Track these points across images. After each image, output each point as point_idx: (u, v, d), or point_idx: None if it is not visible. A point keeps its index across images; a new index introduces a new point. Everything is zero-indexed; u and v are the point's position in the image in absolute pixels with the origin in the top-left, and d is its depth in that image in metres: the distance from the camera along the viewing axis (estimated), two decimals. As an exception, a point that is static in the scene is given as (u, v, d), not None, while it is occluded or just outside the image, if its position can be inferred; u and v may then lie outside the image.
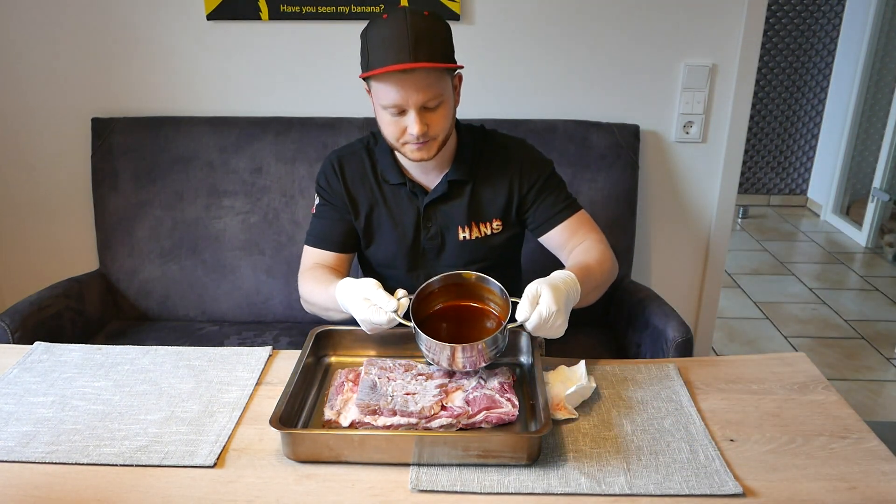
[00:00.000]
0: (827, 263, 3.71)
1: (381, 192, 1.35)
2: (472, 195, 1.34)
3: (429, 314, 1.13)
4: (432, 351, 1.05)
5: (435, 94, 1.17)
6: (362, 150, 1.37)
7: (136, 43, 1.94)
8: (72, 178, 2.06)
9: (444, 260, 1.37)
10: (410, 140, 1.21)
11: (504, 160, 1.35)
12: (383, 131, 1.25)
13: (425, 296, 1.12)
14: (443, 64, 1.16)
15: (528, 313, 1.03)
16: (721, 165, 2.02)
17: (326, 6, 1.88)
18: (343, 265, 1.38)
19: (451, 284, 1.14)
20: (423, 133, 1.19)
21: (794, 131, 4.47)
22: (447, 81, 1.21)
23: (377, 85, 1.18)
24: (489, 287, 1.12)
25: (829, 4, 4.16)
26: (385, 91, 1.17)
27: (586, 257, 1.26)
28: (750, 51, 1.91)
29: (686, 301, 2.18)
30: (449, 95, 1.22)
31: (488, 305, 1.14)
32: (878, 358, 2.72)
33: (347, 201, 1.36)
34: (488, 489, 0.90)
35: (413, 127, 1.18)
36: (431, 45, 1.15)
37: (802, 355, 1.23)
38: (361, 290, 1.08)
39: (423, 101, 1.16)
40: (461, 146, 1.34)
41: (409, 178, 1.33)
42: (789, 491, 0.90)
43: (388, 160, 1.34)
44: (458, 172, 1.32)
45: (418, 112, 1.17)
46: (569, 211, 1.34)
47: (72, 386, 1.14)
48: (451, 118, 1.25)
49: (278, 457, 0.97)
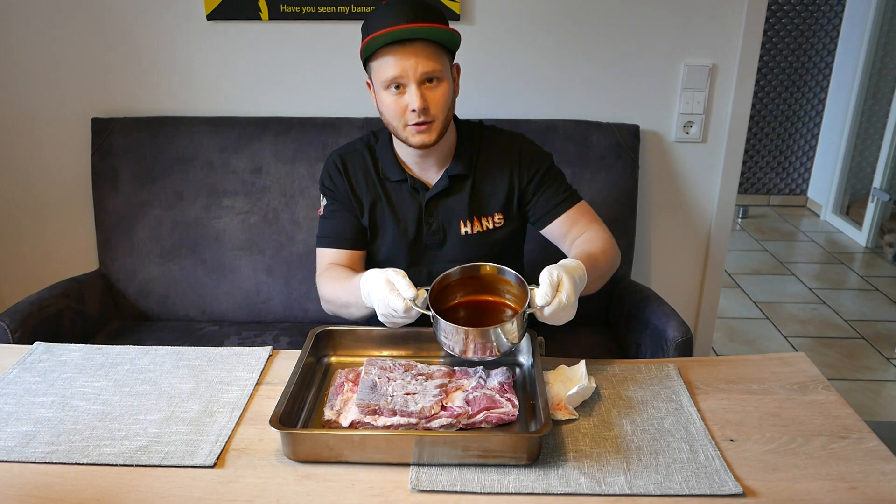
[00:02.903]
0: (827, 263, 3.71)
1: (383, 189, 1.36)
2: (472, 189, 1.35)
3: (447, 307, 1.13)
4: (450, 337, 1.04)
5: (434, 69, 1.19)
6: (363, 148, 1.38)
7: (136, 43, 1.94)
8: (72, 178, 2.06)
9: (445, 255, 1.37)
10: (411, 120, 1.21)
11: (503, 154, 1.36)
12: (384, 115, 1.26)
13: (443, 287, 1.12)
14: (442, 25, 1.19)
15: (549, 297, 1.03)
16: (721, 165, 2.02)
17: (326, 6, 1.88)
18: (357, 263, 1.39)
19: (467, 277, 1.14)
20: (424, 109, 1.20)
21: (794, 131, 4.47)
22: (446, 62, 1.23)
23: (377, 63, 1.20)
24: (506, 278, 1.12)
25: (829, 4, 4.16)
26: (384, 65, 1.19)
27: (591, 246, 1.26)
28: (750, 51, 1.91)
29: (686, 301, 2.18)
30: (448, 77, 1.24)
31: (505, 299, 1.14)
32: (878, 358, 2.72)
33: (353, 198, 1.37)
34: (488, 489, 0.90)
35: (414, 101, 1.19)
36: (430, 13, 1.19)
37: (802, 355, 1.23)
38: (386, 274, 1.09)
39: (423, 72, 1.18)
40: (461, 141, 1.35)
41: (410, 175, 1.34)
42: (789, 491, 0.90)
43: (390, 157, 1.35)
44: (459, 167, 1.33)
45: (418, 86, 1.19)
46: (570, 202, 1.35)
47: (72, 386, 1.14)
48: (451, 102, 1.26)
49: (278, 457, 0.97)
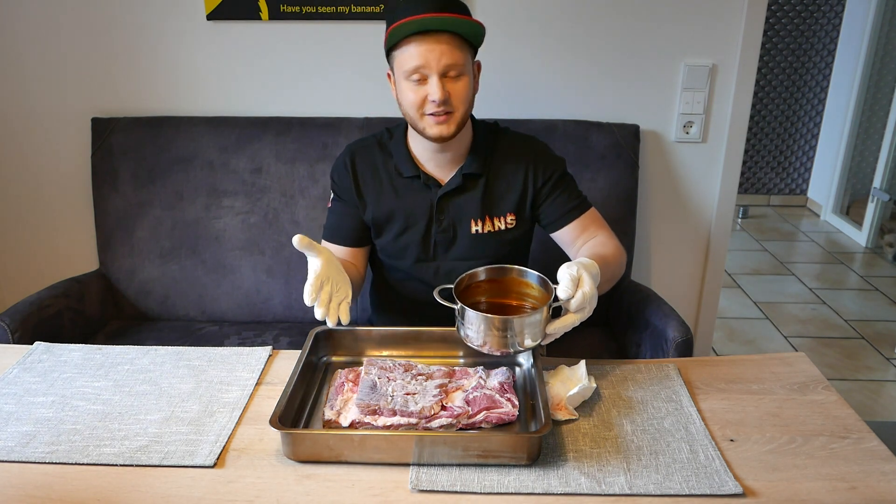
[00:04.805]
0: (827, 263, 3.71)
1: (393, 185, 1.37)
2: (485, 188, 1.36)
3: (469, 304, 1.14)
4: (476, 328, 1.05)
5: (457, 61, 1.21)
6: (375, 144, 1.39)
7: (136, 43, 1.94)
8: (72, 178, 2.06)
9: (454, 253, 1.38)
10: (430, 109, 1.22)
11: (518, 155, 1.37)
12: (403, 105, 1.27)
13: (467, 286, 1.13)
14: (469, 17, 1.21)
15: (571, 292, 1.03)
16: (721, 165, 2.02)
17: (326, 6, 1.88)
18: (357, 258, 1.41)
19: (491, 279, 1.15)
20: (444, 100, 1.21)
21: (794, 131, 4.47)
22: (469, 57, 1.25)
23: (400, 52, 1.22)
24: (528, 280, 1.14)
25: (829, 4, 4.16)
26: (408, 54, 1.20)
27: (603, 250, 1.27)
28: (750, 51, 1.91)
29: (686, 301, 2.18)
30: (470, 72, 1.25)
31: (526, 302, 1.15)
32: (878, 358, 2.71)
33: (356, 195, 1.37)
34: (488, 489, 0.90)
35: (435, 92, 1.20)
36: (457, 5, 1.21)
37: (802, 355, 1.23)
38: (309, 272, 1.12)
39: (446, 65, 1.20)
40: (476, 140, 1.36)
41: (423, 171, 1.35)
42: (789, 491, 0.90)
43: (404, 153, 1.35)
44: (474, 165, 1.34)
45: (440, 78, 1.20)
46: (582, 208, 1.37)
47: (72, 386, 1.14)
48: (471, 97, 1.27)
49: (278, 457, 0.97)
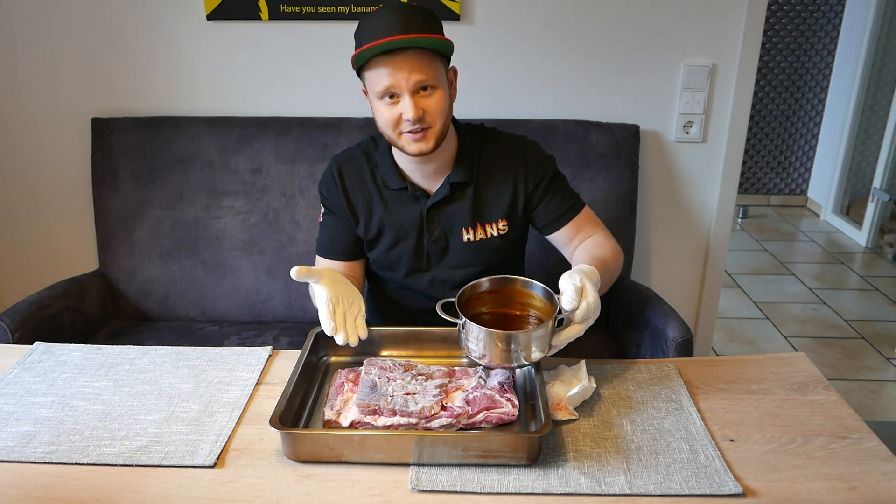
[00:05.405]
0: (827, 263, 3.70)
1: (382, 197, 1.33)
2: (474, 196, 1.32)
3: (472, 315, 1.13)
4: (479, 342, 1.04)
5: (428, 77, 1.16)
6: (361, 155, 1.35)
7: (136, 43, 1.94)
8: (72, 178, 2.06)
9: (447, 262, 1.36)
10: (406, 128, 1.19)
11: (506, 159, 1.33)
12: (379, 124, 1.23)
13: (470, 297, 1.13)
14: (435, 35, 1.16)
15: (575, 301, 1.03)
16: (721, 165, 2.02)
17: (326, 6, 1.88)
18: (354, 271, 1.38)
19: (495, 289, 1.15)
20: (419, 118, 1.17)
21: (794, 131, 4.47)
22: (441, 68, 1.20)
23: (370, 73, 1.18)
24: (532, 292, 1.13)
25: (829, 4, 4.16)
26: (377, 76, 1.16)
27: (601, 252, 1.25)
28: (750, 51, 1.91)
29: (686, 301, 2.18)
30: (444, 83, 1.20)
31: (529, 313, 1.14)
32: (878, 358, 2.71)
33: (347, 209, 1.35)
34: (488, 489, 0.90)
35: (408, 111, 1.16)
36: (422, 22, 1.15)
37: (802, 355, 1.23)
38: (324, 297, 1.14)
39: (416, 82, 1.15)
40: (462, 147, 1.32)
41: (410, 182, 1.31)
42: (789, 491, 0.90)
43: (389, 164, 1.31)
44: (460, 174, 1.30)
45: (412, 96, 1.16)
46: (576, 209, 1.34)
47: (72, 386, 1.14)
48: (448, 109, 1.22)
49: (278, 457, 0.97)
